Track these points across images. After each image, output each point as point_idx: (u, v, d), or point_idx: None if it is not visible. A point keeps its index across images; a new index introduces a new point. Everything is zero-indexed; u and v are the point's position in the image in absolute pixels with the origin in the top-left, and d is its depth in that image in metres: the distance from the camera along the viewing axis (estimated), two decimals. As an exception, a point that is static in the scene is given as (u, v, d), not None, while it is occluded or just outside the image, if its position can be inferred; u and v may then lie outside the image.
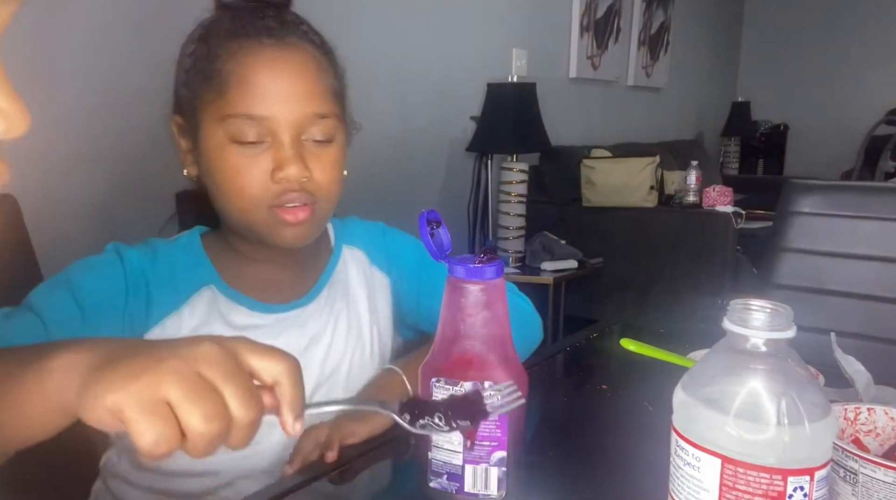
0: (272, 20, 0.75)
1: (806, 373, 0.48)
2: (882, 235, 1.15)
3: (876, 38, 4.87)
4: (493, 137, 2.73)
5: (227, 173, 0.74)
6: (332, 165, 0.77)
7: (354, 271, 0.91)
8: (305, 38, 0.76)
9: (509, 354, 0.62)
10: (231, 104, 0.72)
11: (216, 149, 0.74)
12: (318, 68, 0.76)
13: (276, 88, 0.72)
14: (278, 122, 0.72)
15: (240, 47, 0.73)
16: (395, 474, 0.75)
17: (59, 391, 0.46)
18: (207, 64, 0.74)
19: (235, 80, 0.72)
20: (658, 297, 2.90)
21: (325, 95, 0.76)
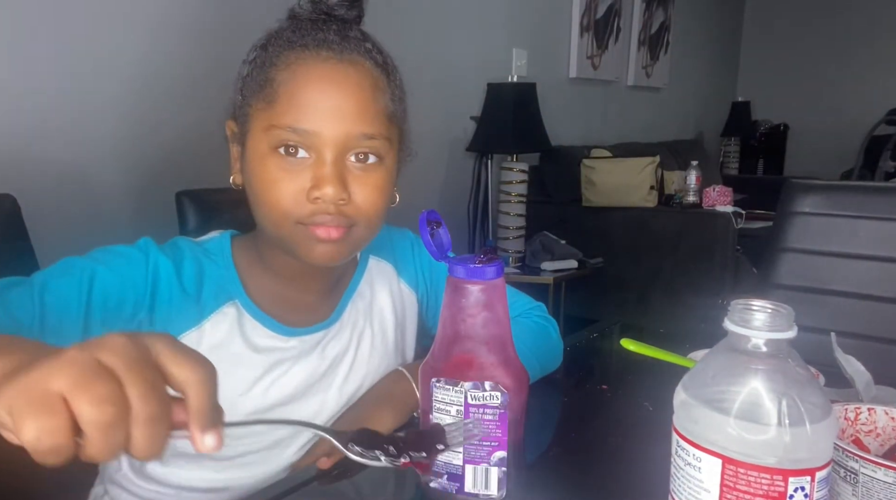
0: (334, 33, 0.72)
1: (806, 373, 0.48)
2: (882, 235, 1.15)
3: (876, 39, 4.87)
4: (493, 137, 2.73)
5: (264, 184, 0.71)
6: (375, 190, 0.73)
7: (381, 285, 0.88)
8: (367, 56, 0.73)
9: (509, 354, 0.62)
10: (278, 114, 0.70)
11: (259, 158, 0.72)
12: (374, 87, 0.72)
13: (325, 103, 0.70)
14: (323, 138, 0.70)
15: (296, 58, 0.71)
16: (395, 474, 0.75)
17: None
18: (262, 72, 0.72)
19: (285, 90, 0.70)
20: (658, 297, 2.90)
21: (377, 115, 0.72)
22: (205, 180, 1.23)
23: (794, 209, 1.23)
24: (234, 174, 0.78)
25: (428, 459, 0.55)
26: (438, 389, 0.61)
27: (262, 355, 0.77)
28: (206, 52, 1.82)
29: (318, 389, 0.80)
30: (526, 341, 0.87)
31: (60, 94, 1.57)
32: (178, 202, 1.16)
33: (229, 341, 0.75)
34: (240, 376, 0.75)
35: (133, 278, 0.72)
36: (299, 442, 0.80)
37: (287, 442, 0.79)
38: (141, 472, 0.78)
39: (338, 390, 0.82)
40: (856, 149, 2.61)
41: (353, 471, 0.71)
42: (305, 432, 0.80)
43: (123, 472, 0.80)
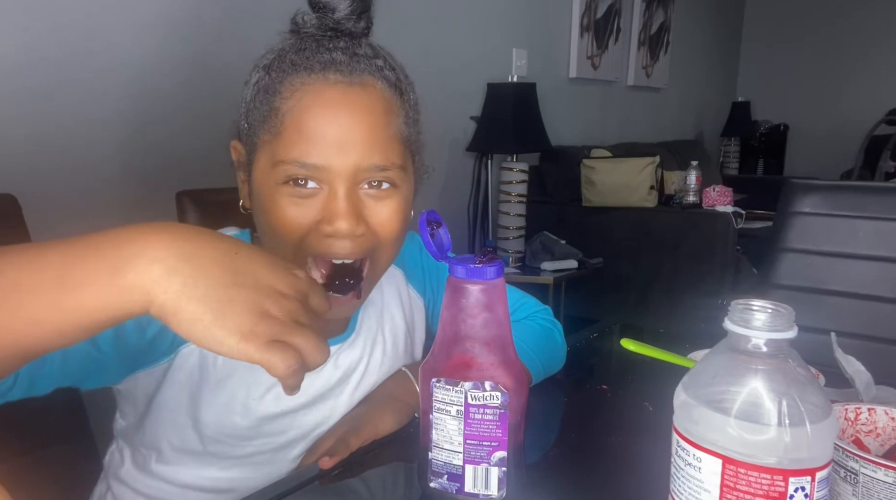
0: (342, 52, 0.68)
1: (807, 373, 0.48)
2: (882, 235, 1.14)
3: (876, 39, 4.87)
4: (493, 137, 2.73)
5: (275, 219, 0.68)
6: (392, 214, 0.70)
7: (390, 290, 0.87)
8: (378, 75, 0.69)
9: (510, 354, 0.62)
10: (284, 148, 0.66)
11: (267, 193, 0.68)
12: (387, 111, 0.69)
13: (334, 133, 0.66)
14: (332, 172, 0.66)
15: (301, 84, 0.67)
16: (395, 474, 0.75)
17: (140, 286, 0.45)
18: (267, 98, 0.68)
19: (292, 121, 0.66)
20: (658, 297, 2.90)
21: (390, 143, 0.69)
22: (205, 180, 1.23)
23: (794, 209, 1.23)
24: (243, 199, 0.75)
25: None
26: (438, 389, 0.61)
27: None
28: (208, 53, 1.82)
29: (330, 396, 0.80)
30: (530, 342, 0.87)
31: (61, 94, 1.57)
32: (178, 202, 1.16)
33: None
34: (256, 382, 0.75)
35: None
36: (304, 444, 0.80)
37: (294, 444, 0.80)
38: (145, 469, 0.78)
39: (348, 396, 0.81)
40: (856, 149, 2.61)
41: (355, 471, 0.71)
42: (314, 434, 0.80)
43: (127, 469, 0.80)
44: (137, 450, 0.79)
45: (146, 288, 0.44)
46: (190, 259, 0.46)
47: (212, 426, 0.74)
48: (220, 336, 0.44)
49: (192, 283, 0.45)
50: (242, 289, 0.46)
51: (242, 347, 0.45)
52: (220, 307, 0.45)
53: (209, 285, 0.45)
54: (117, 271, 0.45)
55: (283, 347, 0.45)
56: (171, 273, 0.45)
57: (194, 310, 0.44)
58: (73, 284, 0.45)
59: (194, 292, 0.45)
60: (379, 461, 0.74)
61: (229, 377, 0.74)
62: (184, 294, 0.45)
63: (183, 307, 0.44)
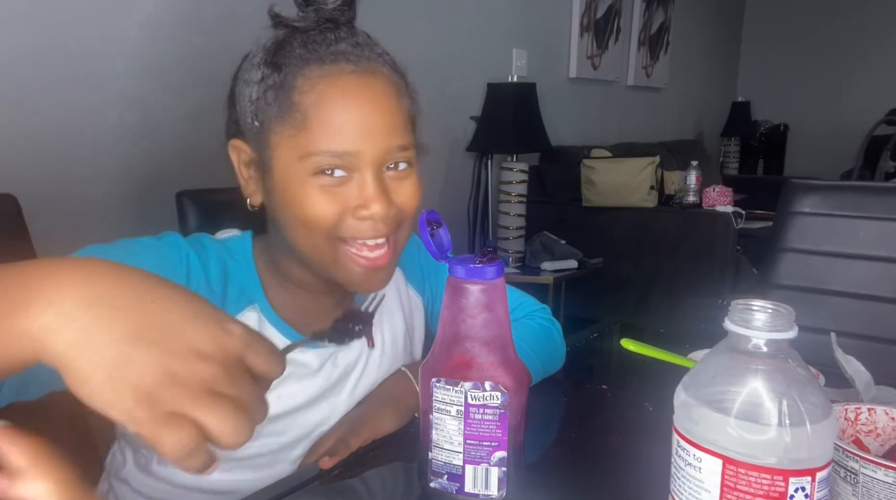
0: (346, 43, 0.70)
1: (807, 373, 0.48)
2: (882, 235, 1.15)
3: (876, 38, 4.87)
4: (493, 137, 2.73)
5: (306, 207, 0.69)
6: (412, 190, 0.75)
7: (390, 290, 0.87)
8: (382, 61, 0.72)
9: (509, 354, 0.62)
10: (314, 141, 0.68)
11: (295, 184, 0.70)
12: (397, 94, 0.72)
13: (359, 121, 0.69)
14: (362, 157, 0.69)
15: (319, 77, 0.69)
16: (395, 474, 0.75)
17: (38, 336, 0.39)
18: (283, 95, 0.69)
19: (316, 114, 0.68)
20: (658, 297, 2.90)
21: (406, 123, 0.73)
22: (205, 180, 1.23)
23: (794, 209, 1.23)
24: (251, 196, 0.76)
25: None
26: (438, 389, 0.61)
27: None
28: (208, 52, 1.82)
29: (329, 395, 0.81)
30: (530, 342, 0.87)
31: (61, 94, 1.57)
32: (178, 202, 1.16)
33: None
34: None
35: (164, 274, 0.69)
36: (305, 445, 0.80)
37: (294, 444, 0.80)
38: (146, 470, 0.78)
39: (348, 396, 0.82)
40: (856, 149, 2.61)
41: (355, 471, 0.71)
42: (315, 434, 0.80)
43: (128, 469, 0.80)
44: (139, 450, 0.79)
45: (35, 336, 0.39)
46: (91, 305, 0.39)
47: None
48: (110, 399, 0.38)
49: (86, 334, 0.39)
50: (148, 346, 0.39)
51: (135, 415, 0.38)
52: (115, 366, 0.38)
53: (107, 337, 0.39)
54: (10, 315, 0.39)
55: (178, 422, 0.38)
56: (65, 320, 0.39)
57: (84, 368, 0.38)
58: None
59: (88, 345, 0.39)
60: (379, 461, 0.74)
61: None
62: (75, 347, 0.39)
63: (73, 363, 0.38)
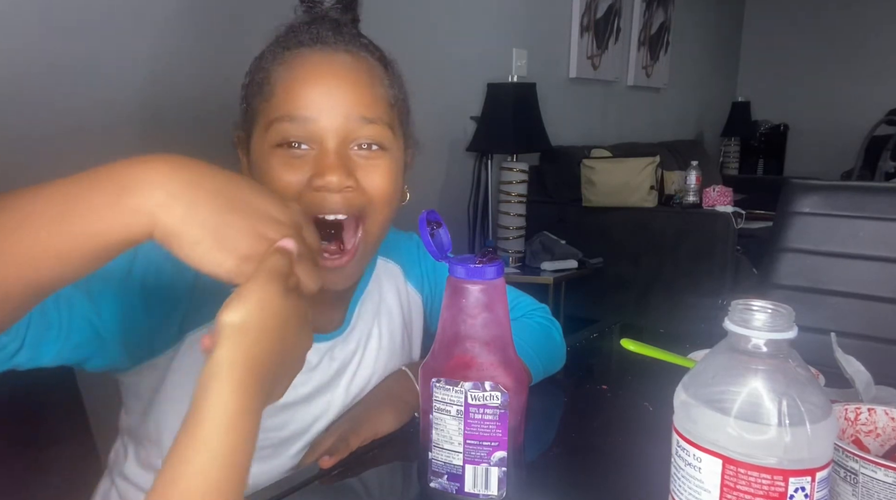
0: (328, 30, 0.73)
1: (807, 373, 0.48)
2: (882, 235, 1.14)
3: (876, 39, 4.87)
4: (493, 137, 2.73)
5: (269, 180, 0.70)
6: (383, 175, 0.72)
7: (389, 285, 0.88)
8: (362, 48, 0.74)
9: (509, 354, 0.62)
10: (275, 107, 0.70)
11: (261, 156, 0.72)
12: (371, 74, 0.72)
13: (321, 88, 0.70)
14: (322, 126, 0.69)
15: (290, 55, 0.72)
16: (395, 474, 0.75)
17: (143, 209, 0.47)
18: (259, 73, 0.73)
19: (281, 84, 0.70)
20: (658, 297, 2.90)
21: (376, 100, 0.72)
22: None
23: (794, 209, 1.23)
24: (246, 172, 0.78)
25: None
26: (438, 389, 0.61)
27: None
28: (209, 52, 1.82)
29: (326, 390, 0.81)
30: (530, 341, 0.87)
31: (61, 94, 1.57)
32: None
33: None
34: None
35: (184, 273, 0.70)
36: (305, 439, 0.80)
37: (295, 438, 0.80)
38: (149, 465, 0.78)
39: (344, 390, 0.82)
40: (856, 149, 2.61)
41: (355, 471, 0.71)
42: (314, 428, 0.80)
43: (130, 465, 0.79)
44: (141, 445, 0.79)
45: (150, 211, 0.47)
46: (190, 186, 0.48)
47: None
48: (219, 258, 0.48)
49: (194, 208, 0.47)
50: (240, 215, 0.49)
51: (242, 267, 0.48)
52: (220, 231, 0.48)
53: (209, 210, 0.48)
54: (122, 195, 0.47)
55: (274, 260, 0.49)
56: (173, 198, 0.47)
57: (196, 233, 0.47)
58: (79, 211, 0.47)
59: (195, 217, 0.47)
60: (379, 460, 0.74)
61: None
62: (186, 218, 0.47)
63: (185, 231, 0.47)
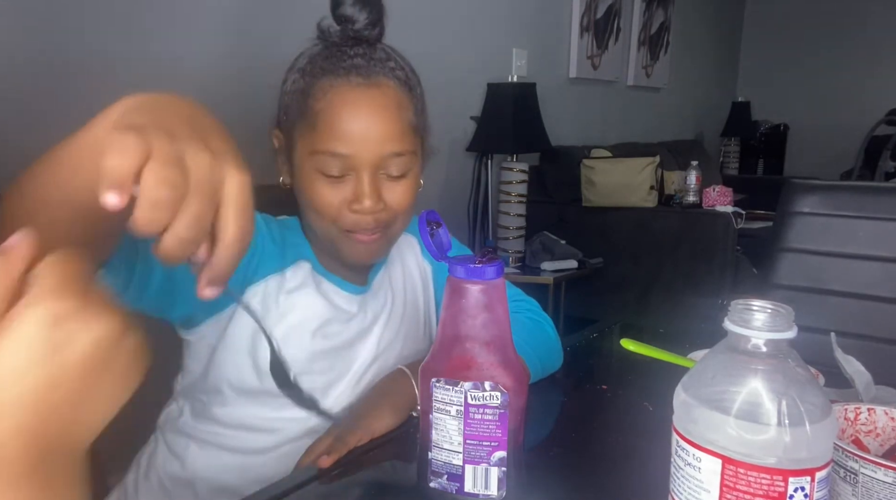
0: (361, 58, 0.82)
1: (806, 373, 0.48)
2: (882, 235, 1.14)
3: (876, 39, 4.87)
4: (493, 137, 2.73)
5: (313, 197, 0.83)
6: (405, 195, 0.85)
7: (408, 253, 1.00)
8: (391, 75, 0.83)
9: (509, 354, 0.62)
10: (320, 141, 0.80)
11: (306, 175, 0.83)
12: (399, 107, 0.82)
13: (359, 129, 0.80)
14: (359, 159, 0.80)
15: (330, 86, 0.80)
16: (395, 474, 0.75)
17: None
18: (303, 100, 0.82)
19: (323, 119, 0.80)
20: (658, 297, 2.90)
21: (404, 133, 0.83)
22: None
23: (794, 209, 1.23)
24: (283, 176, 0.89)
25: None
26: (438, 389, 0.61)
27: (328, 305, 0.88)
28: (208, 52, 1.82)
29: (362, 338, 0.90)
30: (524, 338, 0.87)
31: (61, 93, 1.57)
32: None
33: (306, 286, 0.87)
34: (307, 318, 0.86)
35: None
36: (348, 381, 0.88)
37: (337, 381, 0.88)
38: (204, 415, 0.87)
39: (376, 341, 0.91)
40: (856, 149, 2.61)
41: (354, 471, 0.71)
42: (352, 370, 0.88)
43: (185, 420, 0.89)
44: (198, 399, 0.88)
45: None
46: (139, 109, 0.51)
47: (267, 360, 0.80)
48: None
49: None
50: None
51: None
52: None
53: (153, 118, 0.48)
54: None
55: None
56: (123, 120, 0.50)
57: None
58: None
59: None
60: (379, 460, 0.74)
61: (289, 313, 0.85)
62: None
63: None
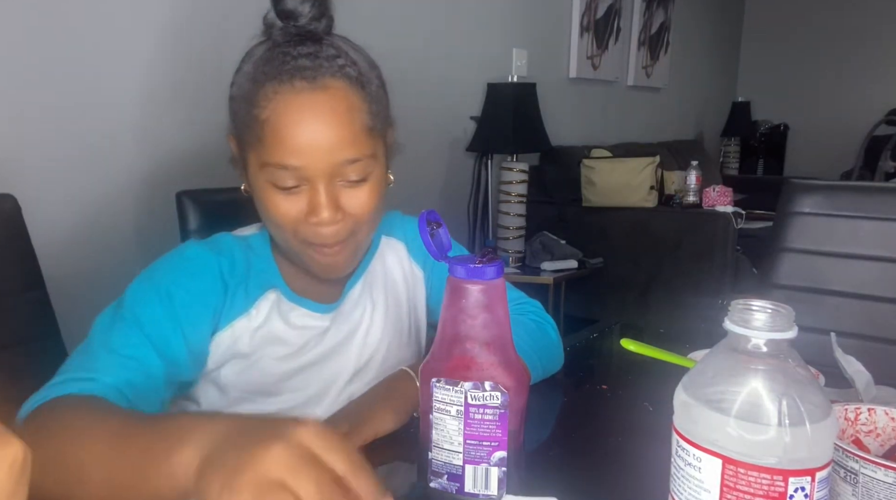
0: (306, 59, 0.75)
1: (806, 373, 0.48)
2: (882, 235, 1.15)
3: (876, 39, 4.87)
4: (493, 137, 2.73)
5: (269, 209, 0.78)
6: (367, 200, 0.79)
7: (392, 260, 0.95)
8: (340, 75, 0.76)
9: (510, 354, 0.62)
10: (267, 154, 0.75)
11: (260, 187, 0.78)
12: (350, 109, 0.75)
13: (308, 139, 0.74)
14: (312, 170, 0.75)
15: (274, 93, 0.74)
16: (395, 474, 0.75)
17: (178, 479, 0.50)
18: (249, 109, 0.76)
19: (270, 130, 0.74)
20: (658, 297, 2.90)
21: (357, 137, 0.76)
22: (205, 180, 1.23)
23: (794, 209, 1.24)
24: (244, 184, 0.84)
25: None
26: (438, 389, 0.61)
27: (297, 333, 0.85)
28: (206, 53, 1.82)
29: (340, 351, 0.88)
30: (527, 340, 0.87)
31: (61, 94, 1.57)
32: (178, 202, 1.16)
33: (270, 320, 0.84)
34: (277, 349, 0.84)
35: (210, 277, 0.80)
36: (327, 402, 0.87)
37: (318, 399, 0.87)
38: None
39: (356, 354, 0.89)
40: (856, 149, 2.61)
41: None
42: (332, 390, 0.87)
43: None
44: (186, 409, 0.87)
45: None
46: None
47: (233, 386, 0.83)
48: None
49: None
50: None
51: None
52: None
53: None
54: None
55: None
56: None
57: None
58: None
59: None
60: (379, 460, 0.74)
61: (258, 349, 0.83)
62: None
63: None
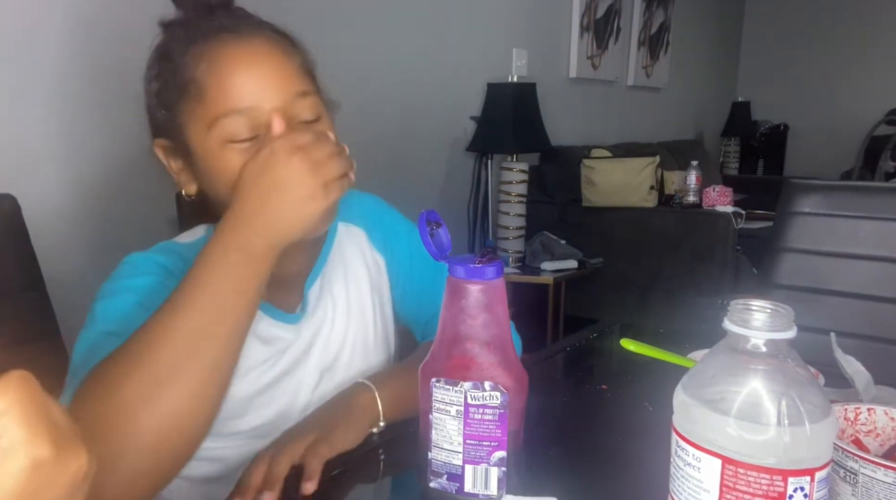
0: (225, 19, 0.74)
1: (806, 373, 0.48)
2: (882, 235, 1.15)
3: (876, 39, 4.86)
4: (493, 137, 2.73)
5: (228, 174, 0.70)
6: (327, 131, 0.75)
7: (352, 250, 0.90)
8: (261, 27, 0.76)
9: (509, 354, 0.62)
10: (214, 105, 0.71)
11: (213, 155, 0.72)
12: (284, 50, 0.74)
13: (252, 75, 0.71)
14: (265, 110, 0.71)
15: (203, 50, 0.71)
16: (395, 474, 0.75)
17: None
18: (177, 76, 0.72)
19: (210, 80, 0.71)
20: (658, 297, 2.90)
21: (299, 72, 0.75)
22: (205, 180, 1.22)
23: (794, 209, 1.24)
24: (186, 186, 0.78)
25: None
26: (438, 389, 0.61)
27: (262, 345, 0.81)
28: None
29: (304, 359, 0.83)
30: None
31: (61, 94, 1.57)
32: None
33: None
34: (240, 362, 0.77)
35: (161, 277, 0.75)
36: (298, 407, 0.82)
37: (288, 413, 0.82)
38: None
39: (321, 352, 0.84)
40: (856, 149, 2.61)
41: (355, 471, 0.71)
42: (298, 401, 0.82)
43: None
44: None
45: None
46: None
47: None
48: None
49: None
50: None
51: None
52: None
53: None
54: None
55: None
56: None
57: None
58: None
59: None
60: (379, 460, 0.74)
61: None
62: None
63: None
